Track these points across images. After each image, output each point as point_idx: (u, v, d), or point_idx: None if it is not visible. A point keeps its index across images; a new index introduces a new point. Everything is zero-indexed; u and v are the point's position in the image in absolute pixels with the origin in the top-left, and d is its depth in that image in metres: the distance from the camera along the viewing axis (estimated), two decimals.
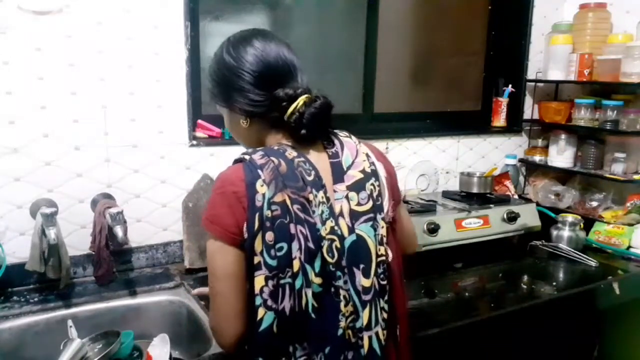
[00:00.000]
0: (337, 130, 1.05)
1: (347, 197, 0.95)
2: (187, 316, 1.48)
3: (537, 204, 2.14)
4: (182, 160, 1.70)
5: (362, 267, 0.93)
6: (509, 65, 2.43)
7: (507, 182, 2.24)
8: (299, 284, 0.88)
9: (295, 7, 2.03)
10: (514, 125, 2.43)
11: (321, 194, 0.92)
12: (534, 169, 2.44)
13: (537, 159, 2.39)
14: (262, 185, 0.89)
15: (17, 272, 1.46)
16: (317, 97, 0.98)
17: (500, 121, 2.40)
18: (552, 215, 2.09)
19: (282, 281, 0.88)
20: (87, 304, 1.46)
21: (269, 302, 0.88)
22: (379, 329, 0.95)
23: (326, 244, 0.90)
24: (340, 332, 0.91)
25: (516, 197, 2.17)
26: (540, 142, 2.41)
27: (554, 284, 1.68)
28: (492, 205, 1.95)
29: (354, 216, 0.94)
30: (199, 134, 1.76)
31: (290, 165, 0.92)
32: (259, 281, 0.88)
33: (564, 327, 1.64)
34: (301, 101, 0.95)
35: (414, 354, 1.09)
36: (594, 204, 2.19)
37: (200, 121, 1.77)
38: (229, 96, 1.01)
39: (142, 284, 1.56)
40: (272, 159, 0.92)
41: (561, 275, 1.79)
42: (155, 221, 1.69)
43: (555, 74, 2.26)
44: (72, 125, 1.51)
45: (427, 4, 2.35)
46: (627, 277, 1.75)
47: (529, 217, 1.97)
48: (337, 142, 1.01)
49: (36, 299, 1.44)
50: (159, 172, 1.67)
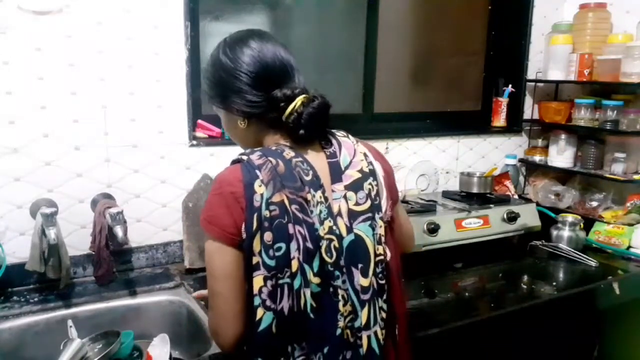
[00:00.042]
0: (334, 130, 1.04)
1: (345, 196, 0.95)
2: (187, 316, 1.48)
3: (537, 204, 2.14)
4: (182, 160, 1.70)
5: (360, 266, 0.93)
6: (509, 65, 2.43)
7: (507, 182, 2.24)
8: (297, 284, 0.88)
9: (295, 7, 2.03)
10: (514, 125, 2.43)
11: (319, 193, 0.92)
12: (534, 169, 2.44)
13: (537, 159, 2.39)
14: (260, 185, 0.89)
15: (17, 272, 1.46)
16: (314, 97, 0.98)
17: (500, 121, 2.40)
18: (552, 215, 2.09)
19: (281, 281, 0.88)
20: (87, 304, 1.46)
21: (268, 302, 0.88)
22: (377, 328, 0.95)
23: (324, 244, 0.90)
24: (338, 331, 0.91)
25: (516, 197, 2.17)
26: (540, 142, 2.41)
27: (554, 284, 1.68)
28: (492, 205, 1.94)
29: (352, 216, 0.94)
30: (199, 134, 1.76)
31: (288, 165, 0.92)
32: (257, 281, 0.88)
33: (564, 327, 1.64)
34: (299, 101, 0.95)
35: (414, 353, 1.10)
36: (594, 204, 2.19)
37: (200, 121, 1.77)
38: (226, 97, 1.00)
39: (142, 284, 1.56)
40: (270, 159, 0.92)
41: (561, 275, 1.79)
42: (155, 221, 1.69)
43: (555, 74, 2.26)
44: (72, 125, 1.52)
45: (427, 4, 2.35)
46: (627, 277, 1.75)
47: (529, 217, 1.96)
48: (334, 142, 1.01)
49: (36, 299, 1.44)
50: (159, 172, 1.67)
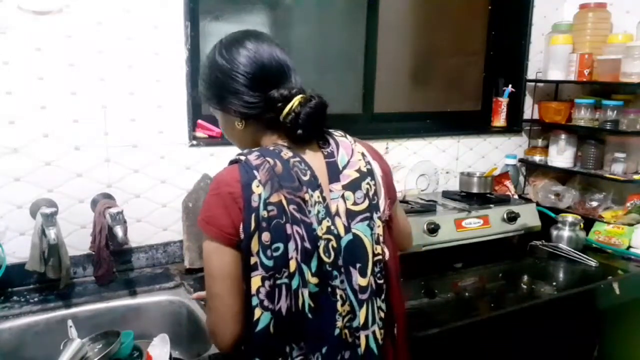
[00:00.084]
0: (332, 129, 1.04)
1: (343, 196, 0.95)
2: (187, 316, 1.48)
3: (537, 204, 2.14)
4: (182, 160, 1.70)
5: (358, 266, 0.93)
6: (509, 65, 2.43)
7: (507, 182, 2.24)
8: (295, 284, 0.88)
9: (295, 7, 2.03)
10: (514, 125, 2.43)
11: (317, 193, 0.92)
12: (534, 169, 2.44)
13: (537, 159, 2.39)
14: (258, 185, 0.89)
15: (17, 272, 1.46)
16: (311, 96, 0.98)
17: (500, 121, 2.40)
18: (552, 215, 2.09)
19: (279, 281, 0.88)
20: (87, 304, 1.46)
21: (266, 303, 0.88)
22: (375, 328, 0.95)
23: (322, 244, 0.90)
24: (337, 331, 0.91)
25: (516, 197, 2.17)
26: (540, 142, 2.41)
27: (554, 284, 1.68)
28: (492, 205, 1.95)
29: (350, 215, 0.94)
30: (199, 134, 1.76)
31: (285, 165, 0.92)
32: (255, 282, 0.88)
33: (564, 327, 1.64)
34: (296, 101, 0.95)
35: (414, 353, 1.10)
36: (594, 204, 2.19)
37: (200, 121, 1.77)
38: (223, 99, 1.00)
39: (142, 284, 1.56)
40: (268, 159, 0.91)
41: (561, 275, 1.79)
42: (155, 221, 1.69)
43: (555, 74, 2.26)
44: (72, 125, 1.52)
45: (427, 4, 2.35)
46: (627, 277, 1.75)
47: (529, 217, 1.97)
48: (332, 142, 1.01)
49: (36, 299, 1.44)
50: (159, 172, 1.67)
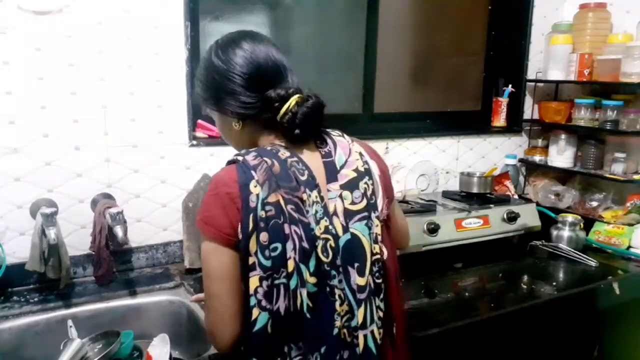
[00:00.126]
0: (329, 129, 1.04)
1: (340, 196, 0.95)
2: (187, 316, 1.48)
3: (537, 204, 2.14)
4: (182, 160, 1.70)
5: (356, 265, 0.93)
6: (509, 65, 2.43)
7: (507, 182, 2.24)
8: (293, 284, 0.88)
9: (295, 7, 2.03)
10: (514, 125, 2.43)
11: (315, 193, 0.92)
12: (534, 169, 2.44)
13: (537, 159, 2.39)
14: (255, 186, 0.89)
15: (17, 272, 1.46)
16: (308, 96, 0.97)
17: (500, 121, 2.40)
18: (552, 215, 2.09)
19: (277, 281, 0.88)
20: (87, 304, 1.46)
21: (263, 303, 0.88)
22: (374, 327, 0.95)
23: (321, 244, 0.90)
24: (335, 331, 0.91)
25: (516, 197, 2.17)
26: (540, 142, 2.41)
27: (554, 284, 1.68)
28: (492, 205, 1.94)
29: (348, 215, 0.94)
30: (199, 134, 1.76)
31: (283, 165, 0.92)
32: (253, 282, 0.88)
33: (564, 327, 1.64)
34: (293, 101, 0.95)
35: (413, 353, 1.10)
36: (594, 204, 2.19)
37: (200, 121, 1.77)
38: (220, 100, 1.00)
39: (142, 284, 1.56)
40: (265, 159, 0.91)
41: (561, 275, 1.79)
42: (155, 221, 1.69)
43: (555, 74, 2.26)
44: (72, 125, 1.52)
45: (427, 4, 2.35)
46: (627, 277, 1.75)
47: (529, 217, 1.97)
48: (329, 142, 1.01)
49: (36, 299, 1.44)
50: (159, 172, 1.67)
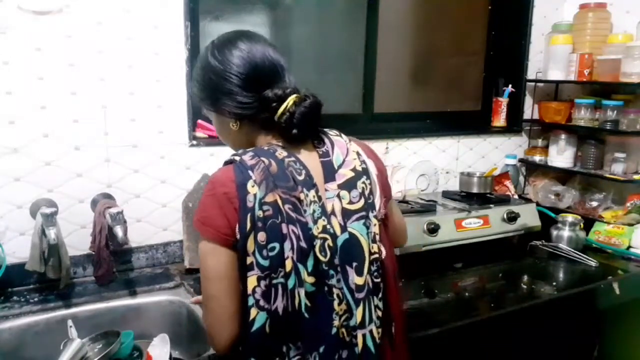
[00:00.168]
0: (327, 129, 1.04)
1: (338, 195, 0.95)
2: (187, 316, 1.48)
3: (537, 204, 2.14)
4: (182, 160, 1.70)
5: (355, 265, 0.93)
6: (509, 65, 2.43)
7: (507, 182, 2.24)
8: (291, 283, 0.88)
9: (295, 7, 2.03)
10: (514, 125, 2.43)
11: (312, 193, 0.92)
12: (534, 169, 2.44)
13: (537, 159, 2.39)
14: (253, 185, 0.89)
15: (17, 272, 1.46)
16: (306, 96, 0.97)
17: (500, 121, 2.40)
18: (552, 215, 2.09)
19: (275, 281, 0.88)
20: (87, 304, 1.46)
21: (261, 303, 0.88)
22: (373, 327, 0.95)
23: (318, 243, 0.90)
24: (334, 330, 0.91)
25: (516, 197, 2.17)
26: (540, 142, 2.41)
27: (554, 284, 1.68)
28: (492, 205, 1.95)
29: (346, 214, 0.94)
30: (199, 134, 1.76)
31: (280, 165, 0.92)
32: (251, 281, 0.88)
33: (564, 327, 1.64)
34: (291, 101, 0.95)
35: (413, 353, 1.09)
36: (594, 204, 2.19)
37: (200, 121, 1.77)
38: (217, 100, 1.00)
39: (142, 284, 1.56)
40: (263, 159, 0.91)
41: (561, 275, 1.79)
42: (155, 221, 1.69)
43: (555, 74, 2.26)
44: (72, 125, 1.52)
45: (427, 4, 2.35)
46: (627, 277, 1.75)
47: (529, 217, 1.97)
48: (327, 141, 1.01)
49: (36, 299, 1.44)
50: (159, 172, 1.67)
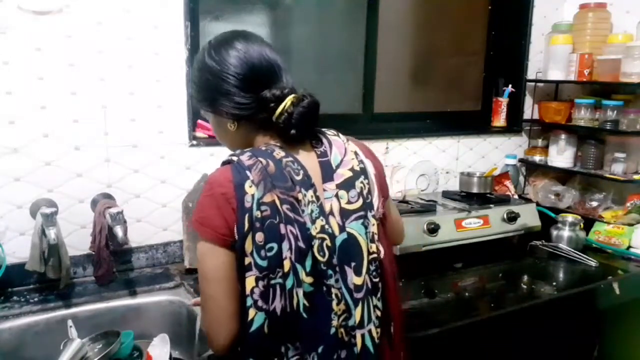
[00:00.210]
0: (325, 128, 1.04)
1: (336, 195, 0.95)
2: (187, 316, 1.48)
3: (537, 204, 2.14)
4: (182, 160, 1.70)
5: (353, 265, 0.93)
6: (509, 65, 2.43)
7: (507, 182, 2.24)
8: (289, 283, 0.88)
9: (295, 7, 2.03)
10: (514, 125, 2.43)
11: (310, 193, 0.92)
12: (534, 169, 2.44)
13: (537, 159, 2.39)
14: (250, 186, 0.89)
15: (17, 272, 1.46)
16: (304, 96, 0.97)
17: (500, 121, 2.40)
18: (552, 215, 2.09)
19: (273, 281, 0.88)
20: (87, 304, 1.46)
21: (260, 303, 0.88)
22: (372, 326, 0.95)
23: (317, 243, 0.90)
24: (332, 331, 0.91)
25: (516, 197, 2.17)
26: (540, 142, 2.41)
27: (554, 284, 1.68)
28: (492, 205, 1.95)
29: (345, 214, 0.94)
30: (199, 134, 1.76)
31: (278, 165, 0.91)
32: (249, 282, 0.88)
33: (564, 327, 1.64)
34: (289, 101, 0.95)
35: (413, 353, 1.10)
36: (594, 204, 2.19)
37: (200, 121, 1.76)
38: (215, 101, 1.00)
39: (142, 284, 1.56)
40: (260, 159, 0.91)
41: (561, 275, 1.79)
42: (155, 221, 1.69)
43: (555, 74, 2.26)
44: (72, 125, 1.52)
45: (427, 4, 2.35)
46: (627, 277, 1.75)
47: (529, 217, 1.97)
48: (325, 141, 1.01)
49: (36, 299, 1.44)
50: (159, 172, 1.67)
